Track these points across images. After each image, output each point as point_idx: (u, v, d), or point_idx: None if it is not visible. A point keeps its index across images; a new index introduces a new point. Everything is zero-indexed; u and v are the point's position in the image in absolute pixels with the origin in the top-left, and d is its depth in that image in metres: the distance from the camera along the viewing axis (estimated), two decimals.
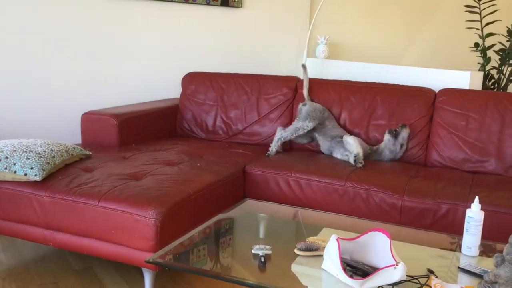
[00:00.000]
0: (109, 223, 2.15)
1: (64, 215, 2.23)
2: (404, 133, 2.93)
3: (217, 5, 3.82)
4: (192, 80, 3.52)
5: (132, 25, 3.48)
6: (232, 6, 3.89)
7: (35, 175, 2.29)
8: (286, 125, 3.28)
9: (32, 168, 2.30)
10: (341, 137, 2.98)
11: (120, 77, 3.50)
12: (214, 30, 3.87)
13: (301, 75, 4.16)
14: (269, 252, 1.75)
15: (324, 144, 3.06)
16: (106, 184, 2.27)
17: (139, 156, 2.76)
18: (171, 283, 2.41)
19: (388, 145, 2.94)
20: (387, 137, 2.95)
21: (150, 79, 3.63)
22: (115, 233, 2.14)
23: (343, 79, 3.46)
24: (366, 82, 3.25)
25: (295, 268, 1.69)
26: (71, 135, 3.30)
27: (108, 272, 2.49)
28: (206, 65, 3.87)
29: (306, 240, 1.84)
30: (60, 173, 2.41)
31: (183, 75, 3.60)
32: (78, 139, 3.27)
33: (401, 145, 2.94)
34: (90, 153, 2.72)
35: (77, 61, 3.31)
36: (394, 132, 2.92)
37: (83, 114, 3.02)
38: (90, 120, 3.00)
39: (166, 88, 3.72)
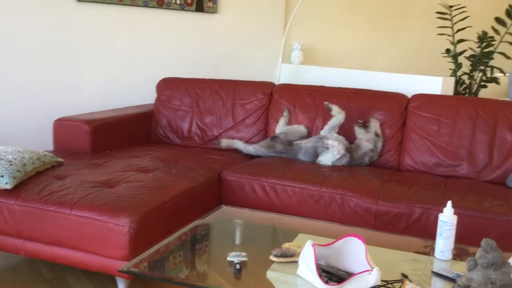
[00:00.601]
0: (82, 232, 2.11)
1: (36, 224, 2.18)
2: (374, 123, 2.96)
3: (191, 11, 3.81)
4: (167, 85, 3.50)
5: (105, 30, 3.44)
6: (207, 12, 3.89)
7: (6, 183, 2.24)
8: (261, 130, 3.28)
9: (2, 176, 2.25)
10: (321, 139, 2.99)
11: (94, 83, 3.45)
12: (188, 35, 3.85)
13: (276, 81, 4.18)
14: (245, 259, 1.74)
15: (305, 152, 3.04)
16: (78, 191, 2.23)
17: (113, 163, 2.72)
18: None
19: (363, 137, 2.95)
20: (356, 129, 2.96)
21: (124, 84, 3.60)
22: (87, 241, 2.11)
23: (318, 84, 3.48)
24: (340, 88, 3.28)
25: (271, 274, 1.68)
26: (42, 142, 3.24)
27: (81, 281, 2.45)
28: (181, 71, 3.85)
29: (282, 246, 1.84)
30: (31, 181, 2.36)
31: (158, 81, 3.57)
32: (50, 146, 3.21)
33: (377, 134, 2.94)
34: (62, 160, 2.68)
35: (49, 67, 3.25)
36: (360, 123, 2.94)
37: (55, 120, 2.97)
38: (63, 126, 2.95)
39: (140, 94, 3.68)
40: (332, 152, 2.90)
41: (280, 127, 3.20)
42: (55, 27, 3.24)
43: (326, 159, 2.93)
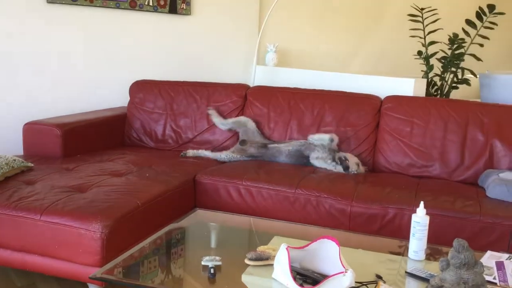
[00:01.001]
0: (52, 238, 2.06)
1: (4, 231, 2.12)
2: (350, 158, 2.94)
3: (165, 12, 3.77)
4: (140, 88, 3.46)
5: (77, 32, 3.38)
6: (181, 14, 3.86)
7: None
8: (236, 133, 3.27)
9: None
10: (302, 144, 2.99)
11: (64, 86, 3.39)
12: (162, 37, 3.82)
13: (251, 83, 4.17)
14: (219, 263, 1.73)
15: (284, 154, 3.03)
16: (48, 197, 2.18)
17: (84, 167, 2.68)
18: None
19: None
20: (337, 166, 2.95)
21: (96, 87, 3.54)
22: (58, 248, 2.06)
23: (292, 86, 3.49)
24: (314, 90, 3.29)
25: (246, 278, 1.67)
26: (12, 147, 3.16)
27: None
28: (154, 73, 3.81)
29: (257, 249, 1.83)
30: (0, 186, 2.30)
31: (131, 83, 3.53)
32: (20, 151, 3.13)
33: (357, 165, 2.94)
34: (32, 165, 2.62)
35: (17, 70, 3.18)
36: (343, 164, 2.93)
37: (25, 124, 2.90)
38: (32, 130, 2.89)
39: (112, 96, 3.63)
40: (322, 152, 2.90)
41: (220, 123, 3.25)
42: (25, 28, 3.17)
43: (318, 161, 2.93)
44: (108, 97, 3.61)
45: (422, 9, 4.13)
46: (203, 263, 1.73)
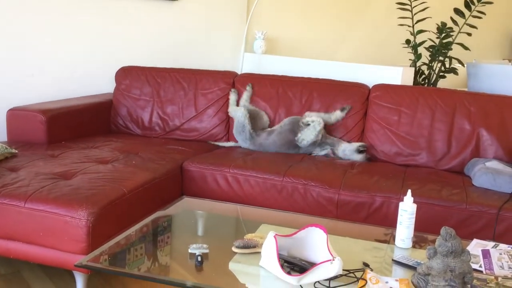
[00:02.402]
0: (37, 225, 2.03)
1: None
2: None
3: None
4: (127, 74, 3.41)
5: (61, 17, 3.32)
6: None
7: None
8: (224, 120, 3.25)
9: None
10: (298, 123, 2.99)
11: (48, 71, 3.33)
12: (149, 24, 3.77)
13: (238, 70, 4.14)
14: (206, 251, 1.71)
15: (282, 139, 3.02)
16: (33, 184, 2.15)
17: (69, 154, 2.64)
18: (104, 285, 2.32)
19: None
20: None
21: (81, 73, 3.48)
22: (43, 235, 2.03)
23: (280, 74, 3.47)
24: (303, 77, 3.27)
25: (233, 266, 1.66)
26: None
27: (38, 276, 2.37)
28: (140, 59, 3.76)
29: (244, 237, 1.82)
30: None
31: (117, 70, 3.48)
32: (3, 137, 3.08)
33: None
34: (16, 151, 2.57)
35: (2, 54, 3.11)
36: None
37: (8, 110, 2.85)
38: (16, 116, 2.84)
39: (98, 83, 3.57)
40: (313, 127, 2.89)
41: (243, 101, 3.20)
42: (8, 12, 3.10)
43: (306, 135, 2.91)
44: (93, 83, 3.55)
45: None
46: (190, 251, 1.72)
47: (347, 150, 2.91)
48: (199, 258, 1.67)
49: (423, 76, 4.22)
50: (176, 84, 3.35)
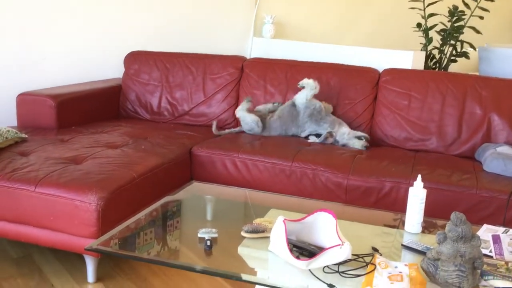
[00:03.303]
0: (47, 209, 2.05)
1: None
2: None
3: None
4: (135, 59, 3.41)
5: (70, 2, 3.31)
6: None
7: None
8: (233, 105, 3.24)
9: None
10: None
11: (58, 57, 3.33)
12: (157, 8, 3.75)
13: (247, 55, 4.11)
14: (215, 235, 1.72)
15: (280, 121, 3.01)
16: (43, 168, 2.16)
17: (79, 139, 2.65)
18: (114, 268, 2.34)
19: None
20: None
21: (90, 58, 3.48)
22: (54, 219, 2.05)
23: (289, 58, 3.44)
24: (312, 62, 3.25)
25: (242, 250, 1.66)
26: (5, 118, 3.11)
27: (48, 260, 2.39)
28: (149, 44, 3.75)
29: (253, 222, 1.82)
30: None
31: (125, 55, 3.47)
32: (14, 122, 3.09)
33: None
34: (26, 136, 2.59)
35: (11, 40, 3.12)
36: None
37: (18, 95, 2.86)
38: (26, 101, 2.85)
39: (107, 68, 3.57)
40: (306, 89, 2.90)
41: (240, 111, 3.04)
42: None
43: (301, 97, 2.93)
44: (102, 68, 3.55)
45: None
46: (199, 235, 1.73)
47: (346, 134, 2.86)
48: (208, 243, 1.67)
49: (434, 60, 4.18)
50: (184, 69, 3.34)
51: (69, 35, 3.35)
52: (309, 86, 2.92)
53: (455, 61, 4.17)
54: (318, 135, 2.94)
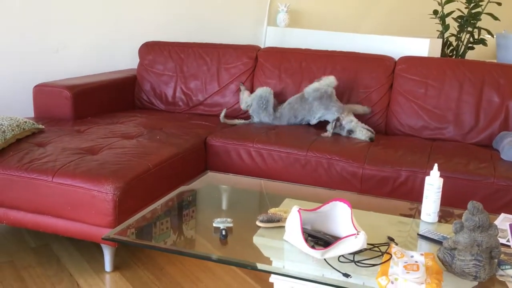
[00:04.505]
0: (65, 199, 2.07)
1: (17, 192, 2.14)
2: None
3: None
4: (150, 50, 3.42)
5: None
6: None
7: None
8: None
9: None
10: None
11: (73, 47, 3.35)
12: None
13: (262, 44, 4.09)
14: (230, 225, 1.73)
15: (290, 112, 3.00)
16: (60, 159, 2.18)
17: (95, 129, 2.67)
18: (131, 257, 2.37)
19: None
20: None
21: (104, 49, 3.50)
22: (71, 209, 2.08)
23: (304, 47, 3.42)
24: (326, 51, 3.22)
25: (257, 240, 1.67)
26: (22, 109, 3.15)
27: (66, 249, 2.43)
28: (163, 35, 3.75)
29: (268, 211, 1.82)
30: (11, 148, 2.30)
31: (140, 45, 3.48)
32: (30, 113, 3.13)
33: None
34: (43, 127, 2.62)
35: (28, 31, 3.14)
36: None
37: (34, 86, 2.89)
38: (42, 92, 2.88)
39: (122, 58, 3.59)
40: (322, 80, 2.92)
41: (245, 101, 3.11)
42: None
43: (314, 84, 2.95)
44: (117, 59, 3.57)
45: None
46: (214, 225, 1.73)
47: (354, 122, 2.82)
48: (224, 232, 1.68)
49: (451, 47, 4.13)
50: (199, 59, 3.34)
51: (84, 26, 3.37)
52: (327, 80, 2.90)
53: (472, 48, 4.11)
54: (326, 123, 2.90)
